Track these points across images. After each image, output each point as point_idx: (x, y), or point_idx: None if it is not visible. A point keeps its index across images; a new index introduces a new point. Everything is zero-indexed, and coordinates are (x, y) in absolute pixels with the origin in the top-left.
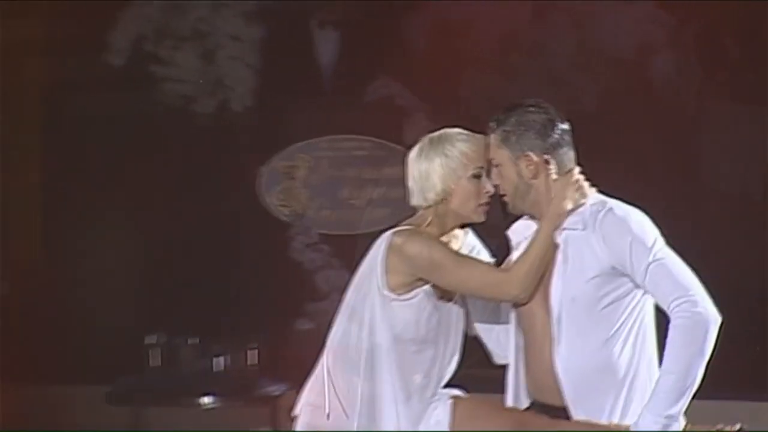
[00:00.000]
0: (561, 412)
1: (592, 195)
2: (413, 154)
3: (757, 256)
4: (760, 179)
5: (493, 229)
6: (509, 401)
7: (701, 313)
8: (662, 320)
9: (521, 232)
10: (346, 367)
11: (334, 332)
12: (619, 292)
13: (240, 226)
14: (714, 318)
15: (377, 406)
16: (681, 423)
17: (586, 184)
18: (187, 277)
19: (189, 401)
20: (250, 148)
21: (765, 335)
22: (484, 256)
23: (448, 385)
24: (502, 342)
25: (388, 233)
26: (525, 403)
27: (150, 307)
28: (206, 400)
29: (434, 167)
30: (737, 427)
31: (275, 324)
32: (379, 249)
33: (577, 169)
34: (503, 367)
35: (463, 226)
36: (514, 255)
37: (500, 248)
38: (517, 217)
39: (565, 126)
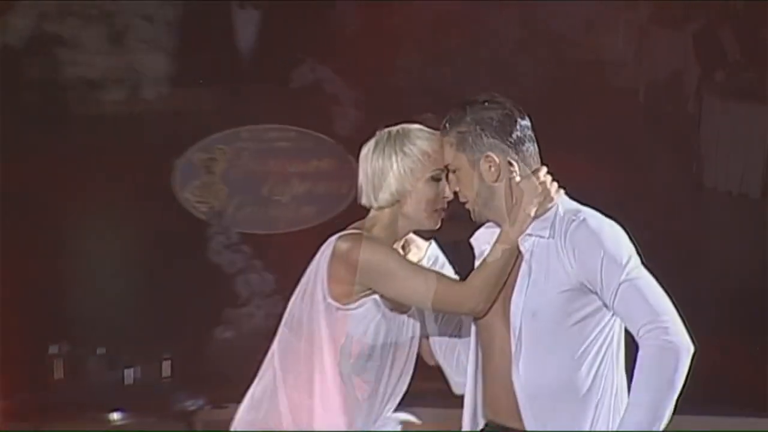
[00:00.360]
0: None
1: (562, 199)
2: (367, 149)
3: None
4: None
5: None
6: (466, 422)
7: (672, 342)
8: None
9: (485, 240)
10: (288, 382)
11: (276, 344)
12: (589, 309)
13: (153, 224)
14: (687, 347)
15: (318, 428)
16: None
17: (553, 186)
18: (94, 281)
19: (96, 417)
20: (163, 139)
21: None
22: (448, 270)
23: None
24: (462, 368)
25: (333, 238)
26: (482, 424)
27: (52, 313)
28: (115, 415)
29: (390, 165)
30: None
31: (191, 332)
32: (323, 255)
33: (543, 170)
34: (447, 382)
35: (427, 238)
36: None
37: None
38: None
39: (525, 121)
